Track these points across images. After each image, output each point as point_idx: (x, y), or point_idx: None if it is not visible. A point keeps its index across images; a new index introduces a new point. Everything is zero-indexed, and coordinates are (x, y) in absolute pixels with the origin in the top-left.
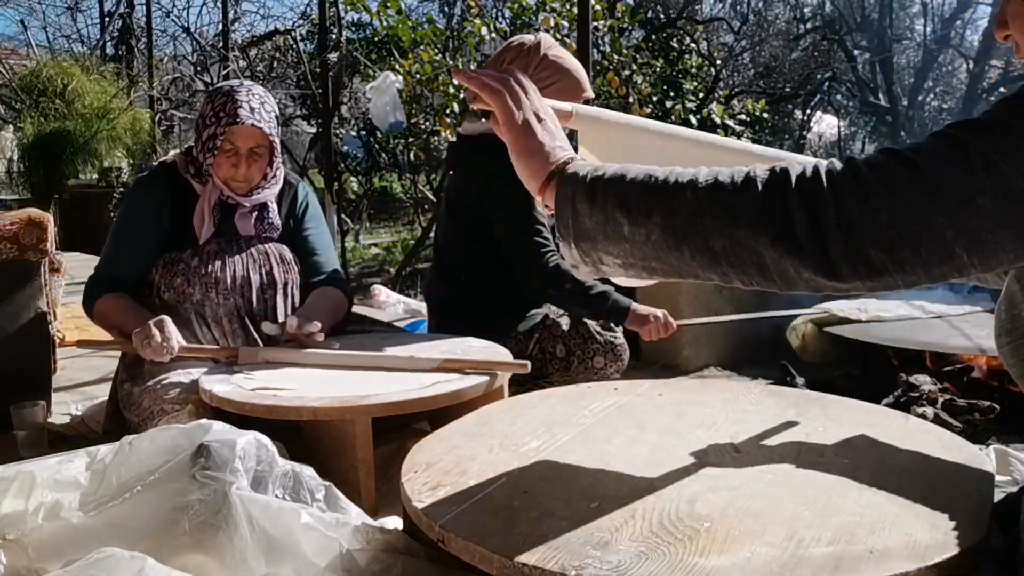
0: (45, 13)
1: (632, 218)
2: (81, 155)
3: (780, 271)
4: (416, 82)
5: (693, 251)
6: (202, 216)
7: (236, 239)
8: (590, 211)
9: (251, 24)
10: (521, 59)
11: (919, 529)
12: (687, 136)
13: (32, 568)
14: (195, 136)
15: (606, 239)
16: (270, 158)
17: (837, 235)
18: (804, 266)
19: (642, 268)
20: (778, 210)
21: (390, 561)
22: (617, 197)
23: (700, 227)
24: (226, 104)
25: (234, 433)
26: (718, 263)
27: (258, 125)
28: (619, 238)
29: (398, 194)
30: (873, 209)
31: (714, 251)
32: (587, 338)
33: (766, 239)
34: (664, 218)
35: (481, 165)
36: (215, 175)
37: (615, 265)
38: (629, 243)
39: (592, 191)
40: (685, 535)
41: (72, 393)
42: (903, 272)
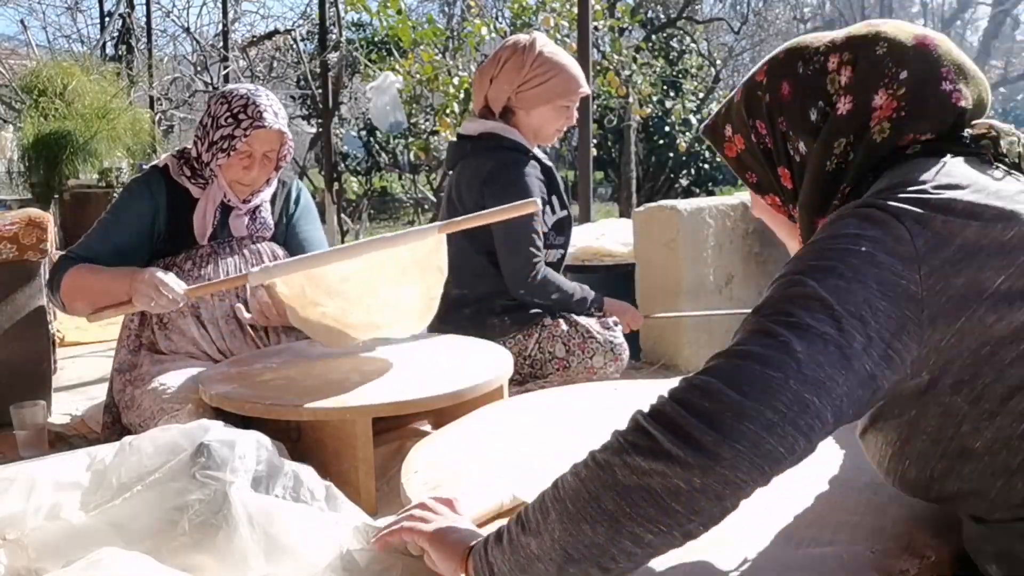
0: (45, 13)
1: (533, 531)
2: (81, 155)
3: (672, 491)
4: (416, 82)
5: (592, 522)
6: (203, 217)
7: (229, 240)
8: (500, 551)
9: (251, 24)
10: (516, 57)
11: (919, 529)
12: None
13: (32, 568)
14: (199, 136)
15: (521, 570)
16: (277, 163)
17: (696, 422)
18: (686, 468)
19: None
20: (639, 435)
21: (390, 561)
22: (519, 525)
23: (587, 495)
24: (247, 107)
25: (234, 433)
26: (619, 522)
27: (284, 130)
28: (530, 559)
29: (398, 194)
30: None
31: (609, 511)
32: (587, 338)
33: (639, 459)
34: (556, 510)
35: (481, 165)
36: (221, 176)
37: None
38: (541, 561)
39: (498, 536)
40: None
41: (72, 393)
42: (777, 435)
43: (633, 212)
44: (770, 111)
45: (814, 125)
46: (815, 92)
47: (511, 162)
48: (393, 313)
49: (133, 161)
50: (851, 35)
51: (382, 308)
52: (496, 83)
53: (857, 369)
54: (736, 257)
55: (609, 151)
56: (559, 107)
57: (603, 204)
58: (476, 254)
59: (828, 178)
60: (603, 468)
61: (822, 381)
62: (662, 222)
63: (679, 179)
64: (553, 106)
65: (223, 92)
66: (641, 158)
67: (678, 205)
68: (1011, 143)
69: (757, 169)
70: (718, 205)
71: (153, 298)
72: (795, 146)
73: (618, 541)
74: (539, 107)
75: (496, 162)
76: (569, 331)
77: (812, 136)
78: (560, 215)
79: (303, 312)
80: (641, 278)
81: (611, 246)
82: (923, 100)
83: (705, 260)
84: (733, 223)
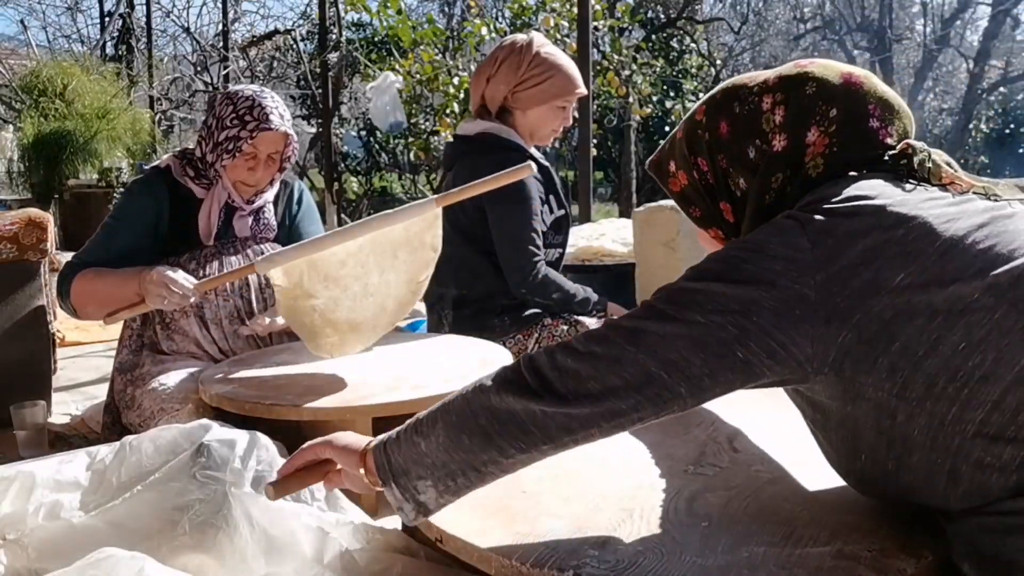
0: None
1: (423, 433)
2: (81, 155)
3: (531, 419)
4: (416, 82)
5: (470, 435)
6: (208, 218)
7: (233, 240)
8: (396, 448)
9: (251, 24)
10: (513, 57)
11: (918, 528)
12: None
13: (32, 568)
14: (204, 136)
15: (413, 463)
16: (281, 164)
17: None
18: (543, 404)
19: (447, 477)
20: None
21: (390, 561)
22: (413, 428)
23: (468, 412)
24: (252, 109)
25: (234, 433)
26: (490, 438)
27: (289, 132)
28: (420, 456)
29: (398, 194)
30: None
31: (483, 427)
32: None
33: (511, 392)
34: (443, 420)
35: (480, 166)
36: (225, 177)
37: (428, 488)
38: (429, 457)
39: (396, 436)
40: (684, 537)
41: (72, 393)
42: (620, 396)
43: (633, 212)
44: (710, 149)
45: (752, 162)
46: (752, 131)
47: (508, 162)
48: (376, 305)
49: (133, 161)
50: (781, 75)
51: (367, 298)
52: (493, 83)
53: (724, 354)
54: None
55: (609, 151)
56: (555, 108)
57: (603, 204)
58: (476, 254)
59: (767, 211)
60: (483, 393)
61: (674, 361)
62: (662, 222)
63: None
64: (550, 106)
65: (228, 93)
66: (641, 158)
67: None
68: (922, 159)
69: (700, 204)
70: None
71: (164, 296)
72: (735, 182)
73: (488, 450)
74: (535, 107)
75: (493, 162)
76: (569, 331)
77: (751, 172)
78: (558, 214)
79: (295, 303)
80: (641, 278)
81: (611, 246)
82: (852, 136)
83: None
84: None
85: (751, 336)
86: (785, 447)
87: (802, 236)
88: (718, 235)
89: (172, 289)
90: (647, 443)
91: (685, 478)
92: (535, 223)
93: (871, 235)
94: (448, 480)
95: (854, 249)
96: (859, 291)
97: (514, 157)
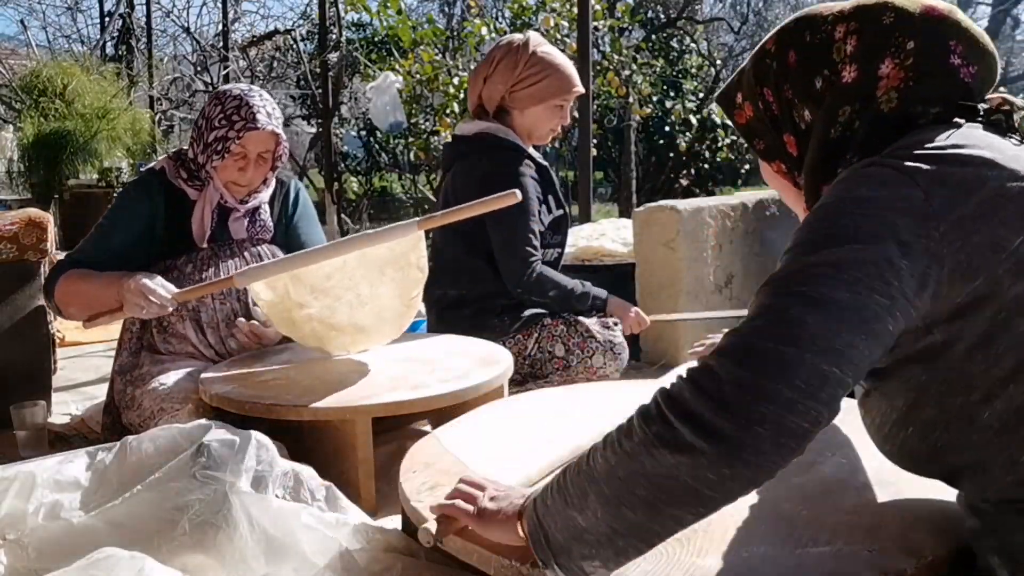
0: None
1: (576, 507)
2: (81, 155)
3: (702, 481)
4: (416, 82)
5: (633, 508)
6: (201, 220)
7: (229, 242)
8: (552, 520)
9: (251, 24)
10: (510, 57)
11: (917, 528)
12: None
13: (32, 568)
14: (194, 138)
15: (575, 541)
16: (272, 163)
17: (714, 410)
18: (712, 460)
19: (616, 555)
20: (662, 425)
21: (390, 561)
22: (563, 498)
23: (619, 481)
24: (240, 108)
25: (234, 433)
26: (656, 507)
27: (277, 131)
28: (579, 532)
29: (398, 194)
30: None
31: (644, 498)
32: (586, 337)
33: (665, 452)
34: (594, 492)
35: (477, 166)
36: (216, 178)
37: (597, 568)
38: (590, 534)
39: (546, 504)
40: (683, 535)
41: (72, 393)
42: (798, 412)
43: (633, 212)
44: (777, 79)
45: (818, 93)
46: (820, 60)
47: (506, 162)
48: (373, 314)
49: (133, 161)
50: (859, 4)
51: (363, 306)
52: (490, 83)
53: (879, 331)
54: (736, 257)
55: (609, 151)
56: (553, 107)
57: (603, 204)
58: (475, 255)
59: (832, 146)
60: (631, 457)
61: (840, 350)
62: (662, 222)
63: (679, 179)
64: (547, 106)
65: (217, 93)
66: (641, 158)
67: (678, 205)
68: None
69: (764, 136)
70: (718, 205)
71: (142, 305)
72: (800, 113)
73: (659, 521)
74: (533, 107)
75: (491, 162)
76: (568, 331)
77: (817, 104)
78: (556, 214)
79: (289, 315)
80: (641, 278)
81: (611, 246)
82: (931, 72)
83: (705, 260)
84: (733, 223)
85: (898, 304)
86: None
87: (913, 186)
88: (780, 168)
89: (150, 299)
90: None
91: None
92: (532, 223)
93: (984, 188)
94: (619, 557)
95: (969, 201)
96: (980, 248)
97: (511, 156)
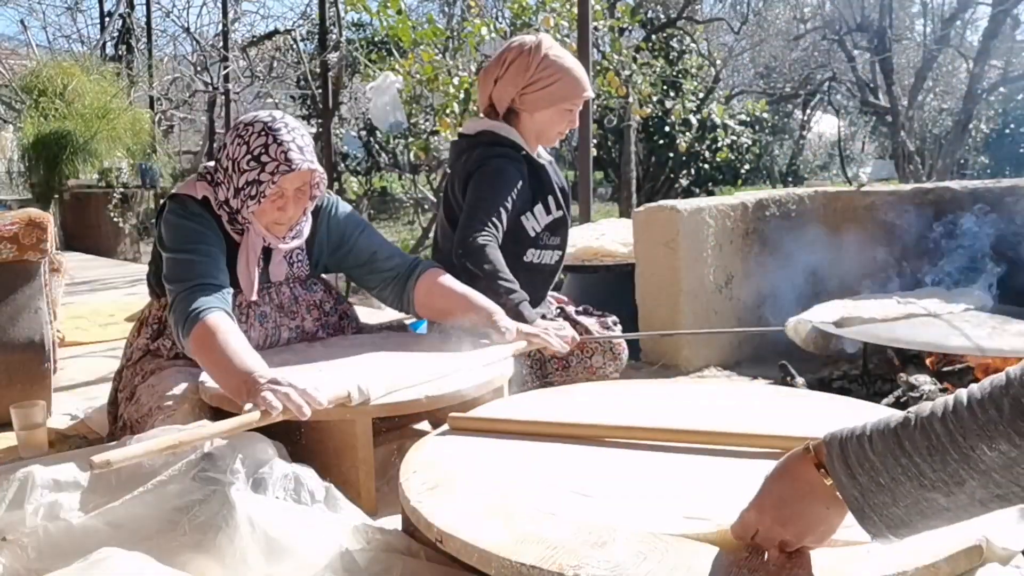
0: (45, 13)
1: (943, 490)
2: (81, 155)
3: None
4: (416, 82)
5: (1004, 502)
6: (248, 268)
7: (267, 286)
8: (896, 499)
9: (251, 24)
10: (522, 59)
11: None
12: None
13: (32, 568)
14: (223, 178)
15: (920, 516)
16: (312, 193)
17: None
18: None
19: (945, 522)
20: None
21: (390, 561)
22: (914, 477)
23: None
24: (268, 147)
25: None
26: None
27: (313, 167)
28: (938, 511)
29: (398, 194)
30: None
31: None
32: (585, 336)
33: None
34: (979, 481)
35: (472, 159)
36: (256, 223)
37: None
38: (949, 511)
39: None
40: (683, 535)
41: (72, 393)
42: None
43: (633, 212)
44: None
45: None
46: None
47: (492, 156)
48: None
49: (133, 161)
50: None
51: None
52: (501, 84)
53: None
54: (736, 257)
55: (609, 151)
56: (563, 110)
57: (603, 204)
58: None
59: None
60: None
61: None
62: (662, 222)
63: (679, 179)
64: (557, 109)
65: (237, 127)
66: (641, 158)
67: (678, 205)
68: None
69: None
70: (718, 205)
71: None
72: None
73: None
74: (543, 110)
75: (485, 155)
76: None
77: None
78: (556, 215)
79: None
80: (641, 278)
81: (611, 246)
82: None
83: (705, 260)
84: (733, 223)
85: None
86: (785, 447)
87: None
88: None
89: (297, 401)
90: (647, 443)
91: (686, 478)
92: (500, 205)
93: None
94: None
95: None
96: None
97: (500, 151)
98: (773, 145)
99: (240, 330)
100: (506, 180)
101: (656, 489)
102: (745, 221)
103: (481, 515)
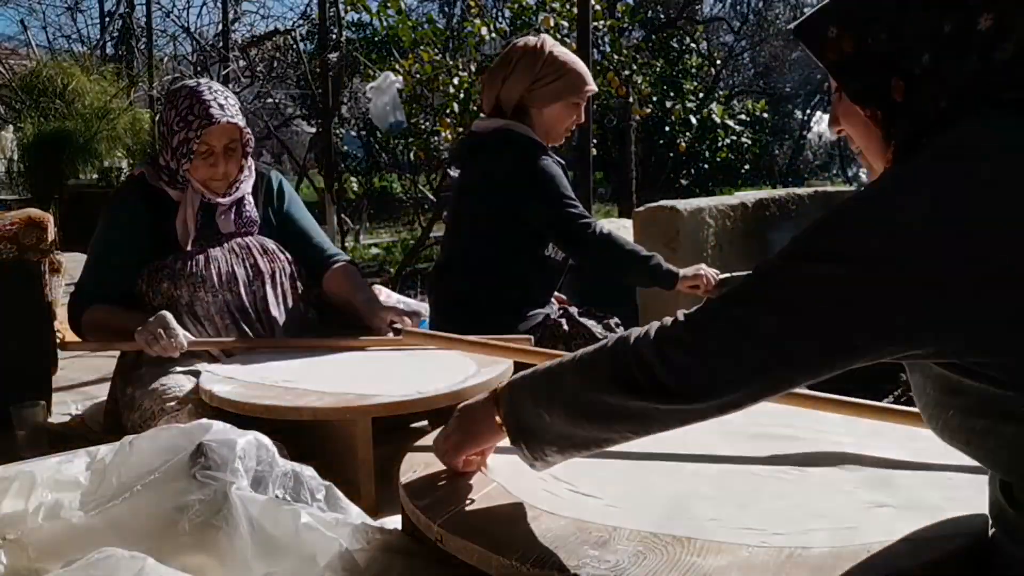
0: (45, 13)
1: (544, 406)
2: (81, 155)
3: (648, 415)
4: (416, 82)
5: (589, 421)
6: (184, 223)
7: (217, 237)
8: (523, 411)
9: (251, 24)
10: (528, 57)
11: (917, 528)
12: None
13: (32, 568)
14: (161, 144)
15: (539, 430)
16: (243, 151)
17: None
18: (658, 401)
19: (570, 447)
20: (625, 371)
21: (390, 561)
22: (532, 397)
23: (585, 404)
24: (193, 107)
25: (234, 433)
26: (610, 425)
27: (233, 121)
28: (545, 427)
29: (398, 194)
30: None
31: (602, 417)
32: (588, 337)
33: (625, 396)
34: (562, 403)
35: (499, 162)
36: (193, 179)
37: (554, 453)
38: (553, 430)
39: (521, 401)
40: (683, 534)
41: (72, 393)
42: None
43: (633, 212)
44: (896, 14)
45: (946, 37)
46: (953, 2)
47: (527, 155)
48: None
49: (133, 161)
50: None
51: None
52: (509, 83)
53: (838, 341)
54: (736, 257)
55: (609, 151)
56: (570, 104)
57: (603, 204)
58: (477, 252)
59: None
60: (596, 389)
61: (790, 352)
62: (662, 222)
63: (679, 179)
64: (565, 103)
65: (170, 95)
66: (641, 158)
67: (678, 205)
68: None
69: (864, 76)
70: (718, 205)
71: (157, 337)
72: (917, 57)
73: (607, 433)
74: (552, 104)
75: (513, 158)
76: (570, 331)
77: (944, 49)
78: None
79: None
80: None
81: None
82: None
83: (705, 260)
84: (733, 223)
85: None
86: (785, 447)
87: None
88: (875, 115)
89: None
90: (647, 442)
91: (685, 478)
92: (572, 197)
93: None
94: (571, 450)
95: None
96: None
97: (532, 151)
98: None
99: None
100: (556, 171)
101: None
102: (745, 221)
103: (481, 515)
